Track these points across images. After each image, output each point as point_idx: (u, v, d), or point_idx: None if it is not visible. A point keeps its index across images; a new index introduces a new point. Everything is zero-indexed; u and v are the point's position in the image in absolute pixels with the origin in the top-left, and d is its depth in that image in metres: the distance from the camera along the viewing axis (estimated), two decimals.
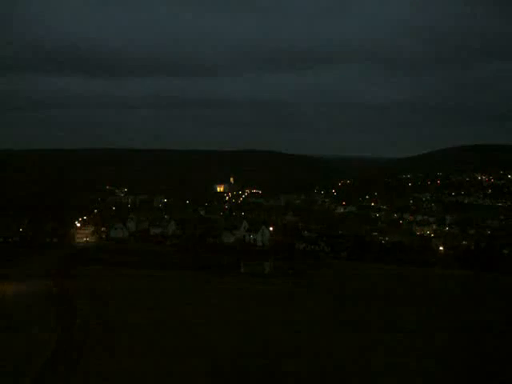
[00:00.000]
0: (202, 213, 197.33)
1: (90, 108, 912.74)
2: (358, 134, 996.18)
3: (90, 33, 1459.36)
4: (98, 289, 52.57)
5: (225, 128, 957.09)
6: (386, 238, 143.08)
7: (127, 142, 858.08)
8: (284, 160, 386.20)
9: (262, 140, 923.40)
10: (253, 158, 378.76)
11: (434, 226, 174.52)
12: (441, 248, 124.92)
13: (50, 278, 58.20)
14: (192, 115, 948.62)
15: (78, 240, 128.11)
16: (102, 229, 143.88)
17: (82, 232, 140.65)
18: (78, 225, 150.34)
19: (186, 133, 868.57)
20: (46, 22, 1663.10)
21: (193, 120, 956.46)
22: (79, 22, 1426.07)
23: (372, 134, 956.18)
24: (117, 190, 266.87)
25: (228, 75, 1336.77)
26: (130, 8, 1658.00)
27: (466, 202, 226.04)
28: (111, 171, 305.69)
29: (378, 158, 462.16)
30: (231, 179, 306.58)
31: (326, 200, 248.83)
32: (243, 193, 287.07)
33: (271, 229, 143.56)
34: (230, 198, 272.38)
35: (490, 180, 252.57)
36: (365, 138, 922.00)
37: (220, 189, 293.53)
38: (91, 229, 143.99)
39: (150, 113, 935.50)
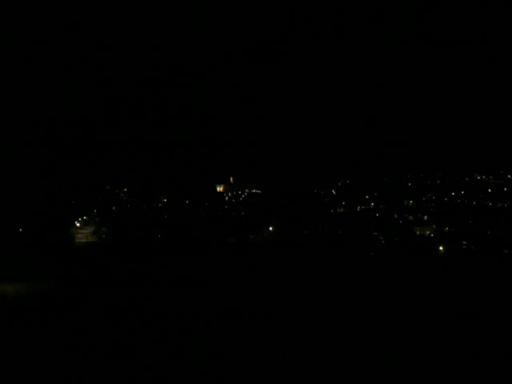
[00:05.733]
0: (202, 213, 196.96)
1: None
2: None
3: None
4: None
5: None
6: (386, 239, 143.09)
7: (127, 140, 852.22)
8: (284, 159, 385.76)
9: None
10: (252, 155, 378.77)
11: (434, 226, 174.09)
12: (441, 248, 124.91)
13: None
14: None
15: (78, 240, 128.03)
16: (103, 229, 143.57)
17: (82, 232, 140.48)
18: (78, 225, 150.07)
19: None
20: None
21: None
22: None
23: None
24: (117, 190, 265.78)
25: None
26: None
27: (465, 202, 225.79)
28: (111, 171, 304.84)
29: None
30: (231, 179, 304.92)
31: (326, 199, 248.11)
32: (243, 192, 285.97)
33: (271, 228, 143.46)
34: (229, 197, 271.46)
35: (489, 180, 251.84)
36: None
37: (220, 189, 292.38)
38: (91, 229, 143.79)
39: None
